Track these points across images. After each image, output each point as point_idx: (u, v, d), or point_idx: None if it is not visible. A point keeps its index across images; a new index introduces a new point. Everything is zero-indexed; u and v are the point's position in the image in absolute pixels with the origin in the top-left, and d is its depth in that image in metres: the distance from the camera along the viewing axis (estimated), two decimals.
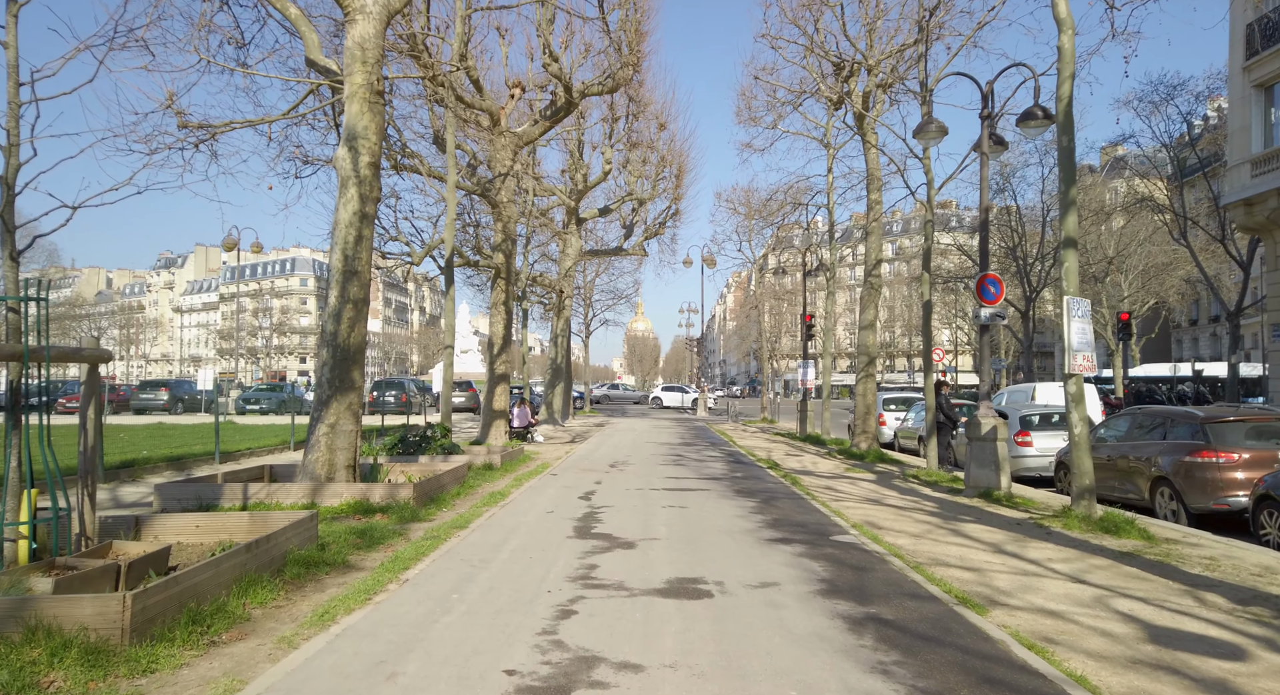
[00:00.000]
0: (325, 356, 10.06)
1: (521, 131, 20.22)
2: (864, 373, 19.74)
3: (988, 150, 12.19)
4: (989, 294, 12.28)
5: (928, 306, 15.38)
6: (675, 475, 13.96)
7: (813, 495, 11.56)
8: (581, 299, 42.41)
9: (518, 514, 9.30)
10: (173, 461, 13.95)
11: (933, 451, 14.91)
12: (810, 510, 10.05)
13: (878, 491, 12.46)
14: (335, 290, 10.04)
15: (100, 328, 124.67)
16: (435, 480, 10.38)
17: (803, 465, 16.68)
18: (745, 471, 14.88)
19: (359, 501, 9.12)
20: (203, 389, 39.65)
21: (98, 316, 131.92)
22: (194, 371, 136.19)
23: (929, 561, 7.21)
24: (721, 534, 8.18)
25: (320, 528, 7.84)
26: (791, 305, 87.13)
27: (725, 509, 9.98)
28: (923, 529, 9.00)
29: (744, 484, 12.82)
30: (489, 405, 20.46)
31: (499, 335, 20.62)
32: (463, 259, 19.88)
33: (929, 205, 14.96)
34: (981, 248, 12.46)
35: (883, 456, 18.47)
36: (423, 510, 9.23)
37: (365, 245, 10.21)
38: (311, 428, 9.91)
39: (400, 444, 14.43)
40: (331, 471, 9.81)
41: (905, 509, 10.56)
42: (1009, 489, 11.99)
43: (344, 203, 10.11)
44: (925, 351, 15.16)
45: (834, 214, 24.98)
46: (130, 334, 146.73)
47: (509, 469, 14.27)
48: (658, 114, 28.27)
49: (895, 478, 14.64)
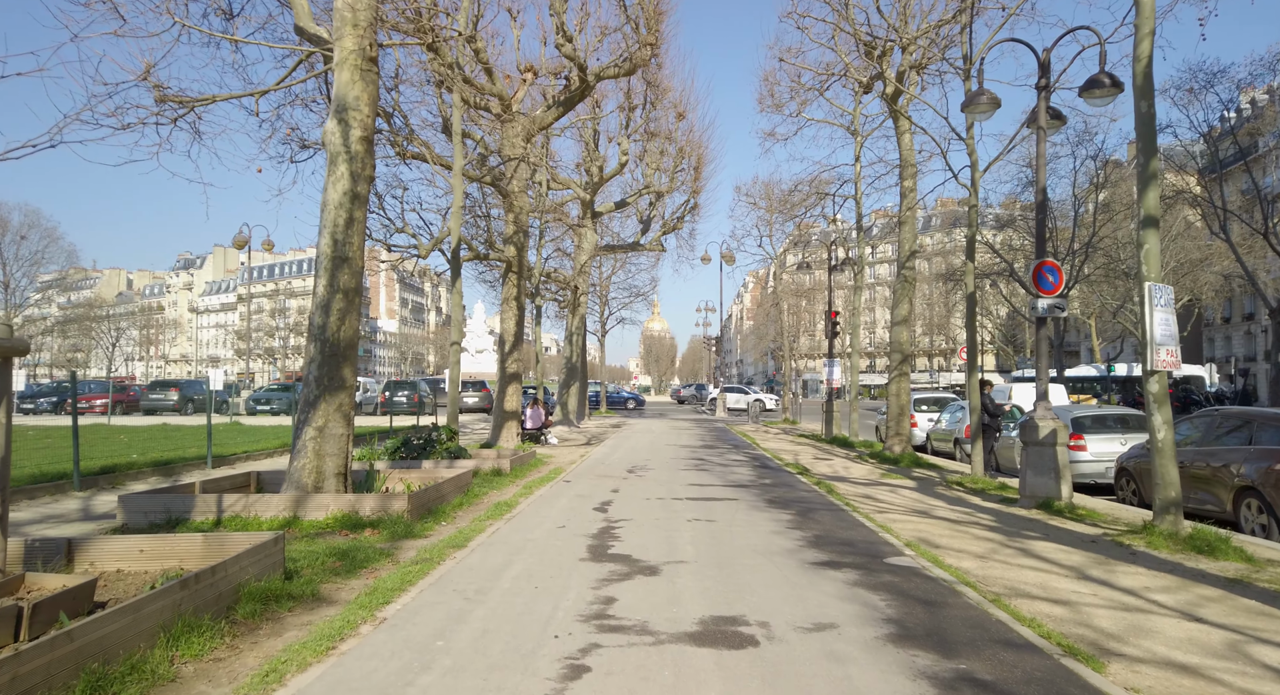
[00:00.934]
0: (312, 352, 9.07)
1: (534, 117, 19.21)
2: (897, 371, 18.56)
3: (1045, 125, 11.02)
4: (1046, 283, 11.10)
5: (971, 299, 14.20)
6: (699, 482, 12.88)
7: (853, 506, 10.44)
8: (597, 296, 41.40)
9: (525, 529, 8.25)
10: (160, 466, 13.04)
11: (978, 456, 13.74)
12: (854, 525, 8.94)
13: (923, 501, 11.31)
14: (323, 279, 9.05)
15: (119, 328, 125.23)
16: (435, 489, 9.35)
17: (834, 470, 15.54)
18: (774, 477, 13.77)
19: (347, 515, 8.11)
20: (213, 389, 39.01)
21: (117, 317, 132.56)
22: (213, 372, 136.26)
23: (1007, 592, 6.09)
24: (758, 555, 7.09)
25: (296, 548, 6.83)
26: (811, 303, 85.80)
27: (758, 523, 8.89)
28: (986, 548, 7.87)
29: (775, 492, 11.71)
30: (500, 406, 19.45)
31: (510, 332, 19.61)
32: (472, 252, 18.92)
33: (973, 188, 13.78)
34: (1038, 232, 11.29)
35: (918, 460, 17.30)
36: (418, 524, 8.21)
37: (357, 229, 9.21)
38: (297, 432, 8.92)
39: (403, 448, 13.46)
40: (319, 480, 8.81)
41: (959, 523, 9.42)
42: (1070, 499, 10.82)
43: (333, 181, 9.11)
44: (970, 347, 13.99)
45: (862, 205, 23.80)
46: (149, 335, 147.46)
47: (519, 475, 13.24)
48: (676, 102, 27.20)
49: (937, 485, 13.49)
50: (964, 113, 11.32)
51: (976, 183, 13.81)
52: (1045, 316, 11.16)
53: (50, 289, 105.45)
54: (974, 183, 13.82)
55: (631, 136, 27.70)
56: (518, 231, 19.66)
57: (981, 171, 13.83)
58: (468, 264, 31.70)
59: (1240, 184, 50.70)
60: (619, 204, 30.81)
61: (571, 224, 28.66)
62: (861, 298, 24.05)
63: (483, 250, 20.13)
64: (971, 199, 13.86)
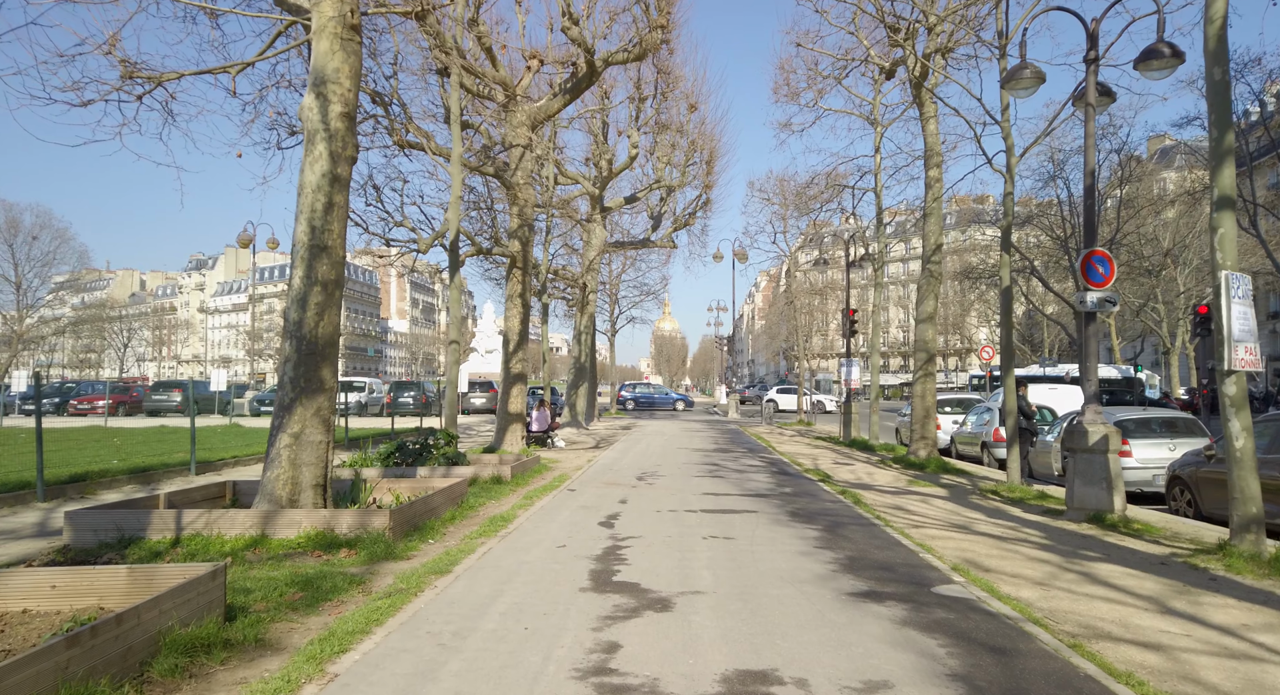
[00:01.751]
0: (288, 351, 8.20)
1: (539, 105, 18.33)
2: (922, 371, 17.59)
3: (1094, 101, 10.02)
4: (1096, 274, 10.11)
5: (1006, 294, 13.19)
6: (714, 490, 11.95)
7: (884, 520, 9.49)
8: (607, 295, 40.50)
9: (520, 549, 7.35)
10: (139, 474, 12.23)
11: (1014, 463, 12.75)
12: (889, 542, 7.99)
13: (959, 513, 10.34)
14: (299, 270, 8.18)
15: (131, 329, 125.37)
16: (423, 502, 8.46)
17: (857, 477, 14.58)
18: (794, 485, 12.82)
19: (321, 532, 7.23)
20: (216, 390, 38.41)
21: (129, 318, 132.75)
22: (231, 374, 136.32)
23: (1084, 632, 5.14)
24: (786, 583, 6.15)
25: (256, 574, 5.96)
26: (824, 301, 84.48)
27: (782, 541, 7.95)
28: (1044, 572, 6.91)
29: (797, 503, 10.77)
30: (504, 408, 18.58)
31: (515, 330, 18.74)
32: (474, 247, 18.08)
33: (1009, 174, 12.78)
34: (1087, 219, 10.30)
35: (945, 466, 16.32)
36: (401, 544, 7.32)
37: (338, 215, 8.34)
38: (271, 439, 8.06)
39: (397, 453, 12.58)
40: (295, 493, 7.94)
41: (1005, 540, 8.46)
42: (1124, 511, 9.83)
43: (311, 162, 8.24)
44: (1004, 346, 12.99)
45: (882, 198, 22.82)
46: (162, 335, 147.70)
47: (520, 483, 12.35)
48: (688, 93, 26.27)
49: (970, 493, 12.51)
50: (1004, 89, 10.34)
51: (1013, 168, 12.81)
52: (1094, 311, 10.17)
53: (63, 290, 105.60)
54: (1009, 168, 12.83)
55: (642, 129, 26.80)
56: (522, 225, 18.78)
57: (1018, 156, 12.84)
58: (475, 262, 30.92)
59: (1267, 179, 49.38)
60: (629, 199, 29.91)
61: (579, 219, 27.79)
62: (881, 295, 23.05)
63: (486, 245, 19.26)
64: (1008, 186, 12.87)
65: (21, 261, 72.60)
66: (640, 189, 29.82)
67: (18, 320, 72.32)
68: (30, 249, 73.91)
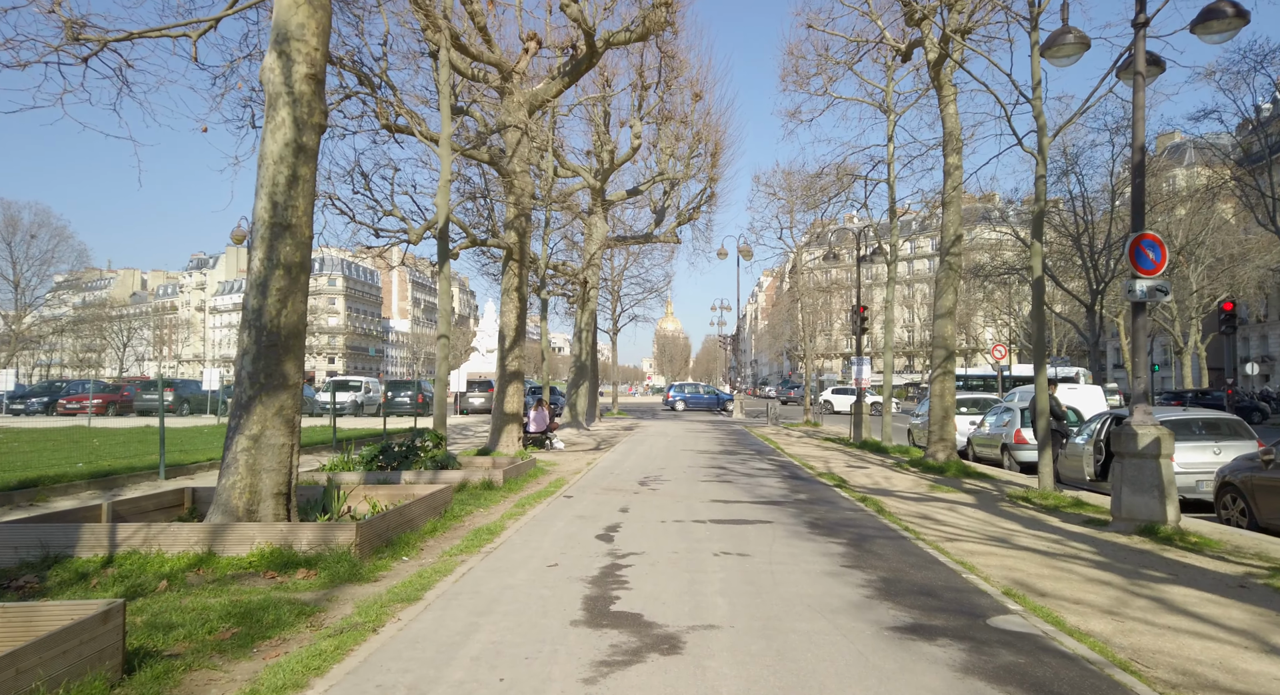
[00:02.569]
0: (246, 342, 7.28)
1: (537, 89, 17.41)
2: (940, 369, 16.62)
3: (1144, 69, 9.08)
4: (1146, 260, 9.17)
5: (1039, 285, 12.23)
6: (723, 497, 11.01)
7: (913, 531, 8.55)
8: (609, 291, 39.56)
9: (505, 569, 6.42)
10: (101, 478, 11.32)
11: (1046, 467, 11.79)
12: (925, 560, 7.05)
13: (993, 524, 9.40)
14: (260, 251, 7.26)
15: (132, 328, 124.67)
16: (399, 514, 7.53)
17: (875, 482, 13.64)
18: (809, 491, 11.88)
19: (277, 550, 6.31)
20: (209, 389, 37.51)
21: (130, 317, 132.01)
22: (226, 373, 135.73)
23: (1186, 681, 4.20)
24: (816, 614, 5.22)
25: (190, 603, 5.04)
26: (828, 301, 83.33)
27: (805, 558, 7.01)
28: (1110, 598, 5.97)
29: (815, 512, 9.82)
30: (499, 408, 17.67)
31: (511, 326, 17.83)
32: (469, 238, 17.15)
33: (1041, 156, 11.83)
34: (1136, 199, 9.34)
35: (966, 469, 15.39)
36: (369, 563, 6.40)
37: (303, 189, 7.42)
38: (228, 442, 7.14)
39: (381, 456, 11.66)
40: (253, 502, 7.02)
41: (1053, 556, 7.51)
42: (1178, 522, 8.88)
43: (272, 130, 7.32)
44: (1037, 342, 12.04)
45: (895, 189, 21.87)
46: (163, 335, 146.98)
47: (513, 488, 11.41)
48: (692, 81, 25.32)
49: (999, 500, 11.57)
50: (1045, 56, 9.39)
51: (1045, 149, 11.86)
52: (1144, 301, 9.23)
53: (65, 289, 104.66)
54: (1041, 149, 11.88)
55: (645, 119, 25.87)
56: (519, 215, 17.87)
57: (1051, 135, 11.90)
58: (473, 257, 29.96)
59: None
60: (631, 192, 28.98)
61: (579, 212, 26.87)
62: (894, 290, 22.11)
63: (480, 236, 18.35)
64: (1039, 168, 11.91)
65: (20, 260, 71.86)
66: (643, 182, 28.89)
67: (16, 319, 71.58)
68: (29, 247, 73.18)
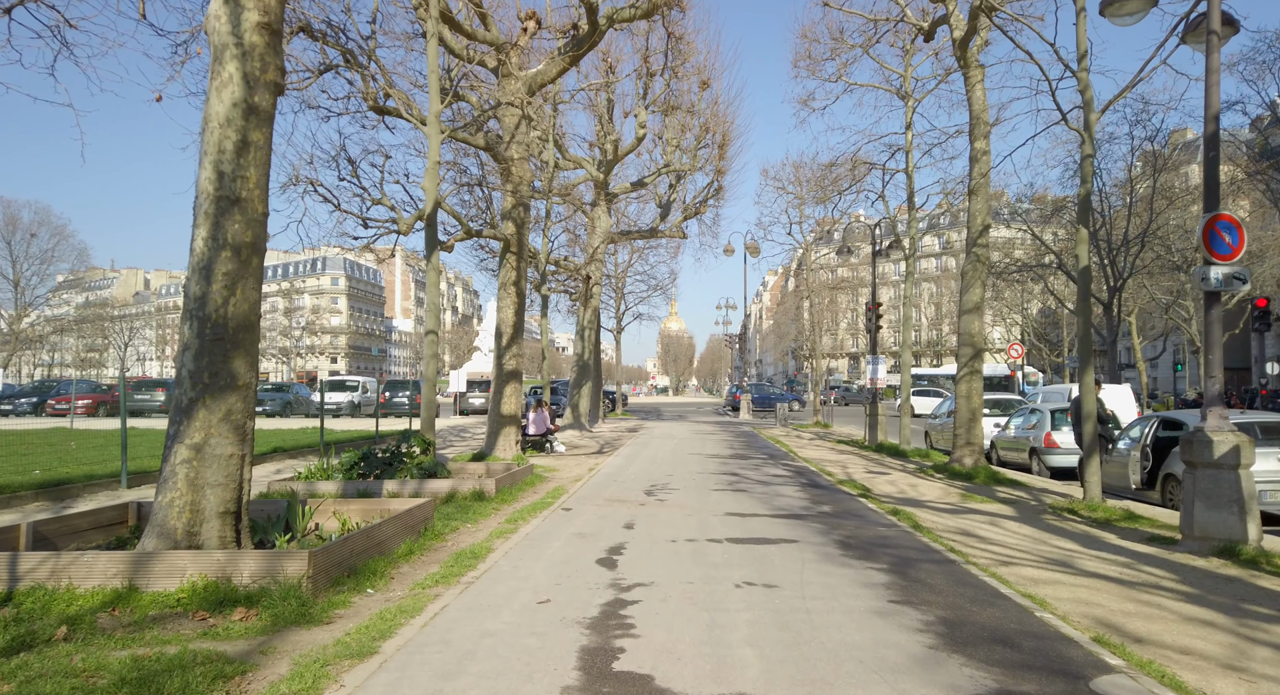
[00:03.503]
0: (187, 336, 6.23)
1: (535, 71, 16.35)
2: (967, 368, 15.52)
3: (1218, 28, 7.99)
4: (1222, 245, 8.08)
5: (1085, 275, 11.11)
6: (738, 509, 9.93)
7: (960, 553, 7.46)
8: (613, 289, 38.50)
9: (486, 608, 5.35)
10: (52, 488, 10.28)
11: (1094, 477, 10.68)
12: (985, 592, 5.96)
13: (1046, 542, 8.31)
14: (203, 228, 6.21)
15: (133, 327, 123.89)
16: (365, 536, 6.46)
17: (900, 490, 12.57)
18: (832, 502, 10.80)
19: (213, 584, 5.26)
20: None
21: (132, 317, 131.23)
22: None
23: None
24: (872, 676, 4.14)
25: (78, 663, 3.98)
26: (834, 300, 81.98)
27: (843, 590, 5.94)
28: (1221, 645, 4.88)
29: (844, 528, 8.74)
30: (496, 409, 16.61)
31: (509, 322, 16.77)
32: (464, 229, 16.11)
33: (1088, 133, 10.74)
34: (1209, 176, 8.25)
35: (995, 476, 14.29)
36: (324, 598, 5.35)
37: (256, 158, 6.36)
38: (166, 452, 6.10)
39: (362, 463, 10.61)
40: (195, 523, 5.97)
41: (1130, 585, 6.43)
42: (1260, 542, 7.79)
43: (218, 87, 6.27)
44: (1082, 335, 10.93)
45: (914, 179, 20.79)
46: (166, 335, 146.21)
47: (506, 499, 10.34)
48: (700, 68, 24.23)
49: (1042, 512, 10.48)
50: (1106, 15, 8.30)
51: (1092, 125, 10.77)
52: (1219, 290, 8.13)
53: (68, 289, 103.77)
54: (1088, 125, 10.78)
55: (650, 108, 24.79)
56: (517, 205, 16.81)
57: (1099, 111, 10.80)
58: (471, 253, 29.01)
59: None
60: (636, 184, 27.91)
61: (581, 205, 25.80)
62: (913, 285, 21.01)
63: (476, 226, 17.30)
64: (1086, 147, 10.81)
65: (20, 259, 71.13)
66: (648, 175, 27.82)
67: (16, 319, 70.84)
68: (28, 246, 72.45)
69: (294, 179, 12.50)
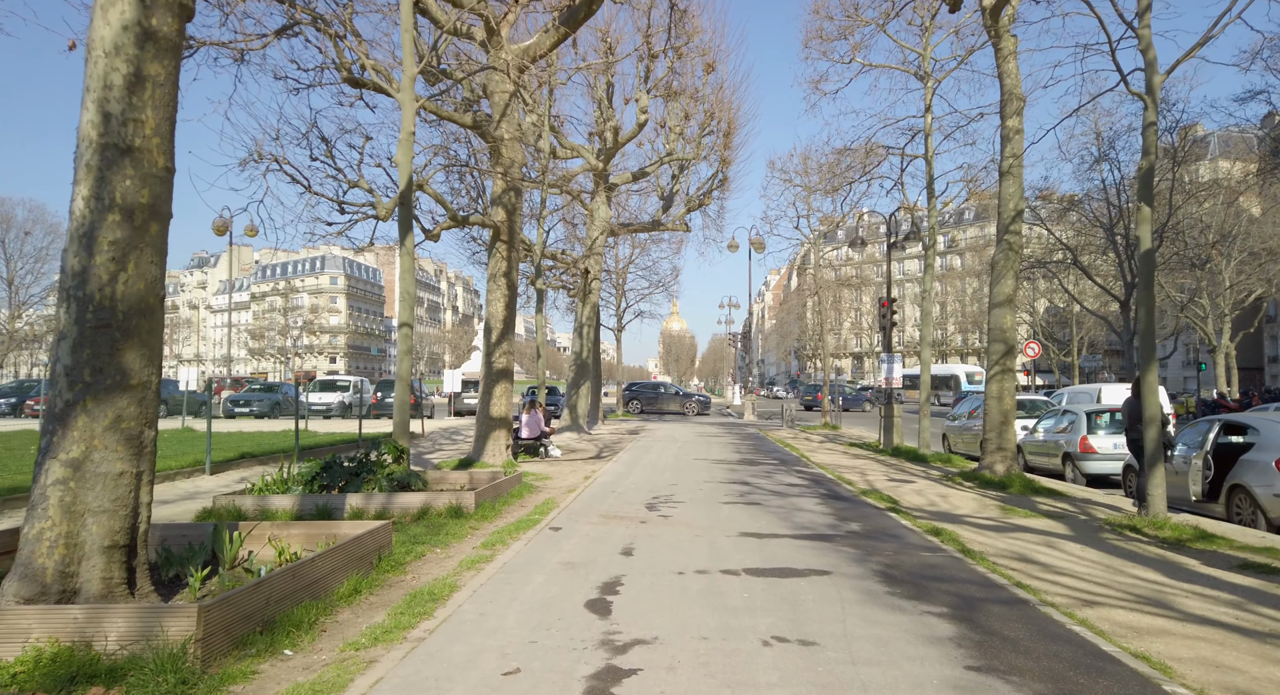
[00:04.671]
0: (64, 322, 4.91)
1: (528, 44, 15.03)
2: (998, 366, 14.19)
3: None
4: None
5: (1148, 259, 9.74)
6: (754, 528, 8.59)
7: (1029, 588, 6.12)
8: (613, 285, 37.15)
9: (433, 684, 4.02)
10: None
11: (1160, 489, 9.34)
12: (1084, 651, 4.62)
13: (1122, 571, 6.97)
14: (85, 185, 4.88)
15: None
16: (292, 575, 5.11)
17: (930, 502, 11.23)
18: (859, 517, 9.46)
19: (65, 652, 3.92)
20: (185, 389, 35.16)
21: None
22: (224, 372, 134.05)
23: None
24: None
25: None
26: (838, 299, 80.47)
27: (901, 649, 4.60)
28: None
29: (881, 553, 7.39)
30: (484, 411, 15.29)
31: (498, 316, 15.45)
32: (450, 215, 14.78)
33: (1151, 97, 9.41)
34: None
35: (1031, 485, 12.96)
36: (218, 668, 4.01)
37: (155, 98, 5.04)
38: (37, 470, 4.78)
39: (324, 474, 9.28)
40: (70, 561, 4.65)
41: (1261, 637, 5.09)
42: None
43: (103, 6, 4.95)
44: (1144, 328, 9.58)
45: (933, 165, 19.45)
46: (166, 334, 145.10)
47: (487, 515, 8.99)
48: (704, 49, 22.90)
49: (1101, 531, 9.15)
50: None
51: (1155, 88, 9.44)
52: None
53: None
54: (1151, 88, 9.45)
55: (651, 92, 23.46)
56: (508, 190, 15.49)
57: (1164, 73, 9.47)
58: (462, 244, 27.64)
59: None
60: (637, 174, 26.57)
61: (576, 193, 24.45)
62: (932, 277, 19.66)
63: (463, 214, 15.96)
64: (1149, 114, 9.48)
65: (14, 257, 69.92)
66: (650, 163, 26.47)
67: (10, 318, 69.62)
68: (22, 245, 71.24)
69: (256, 155, 11.22)
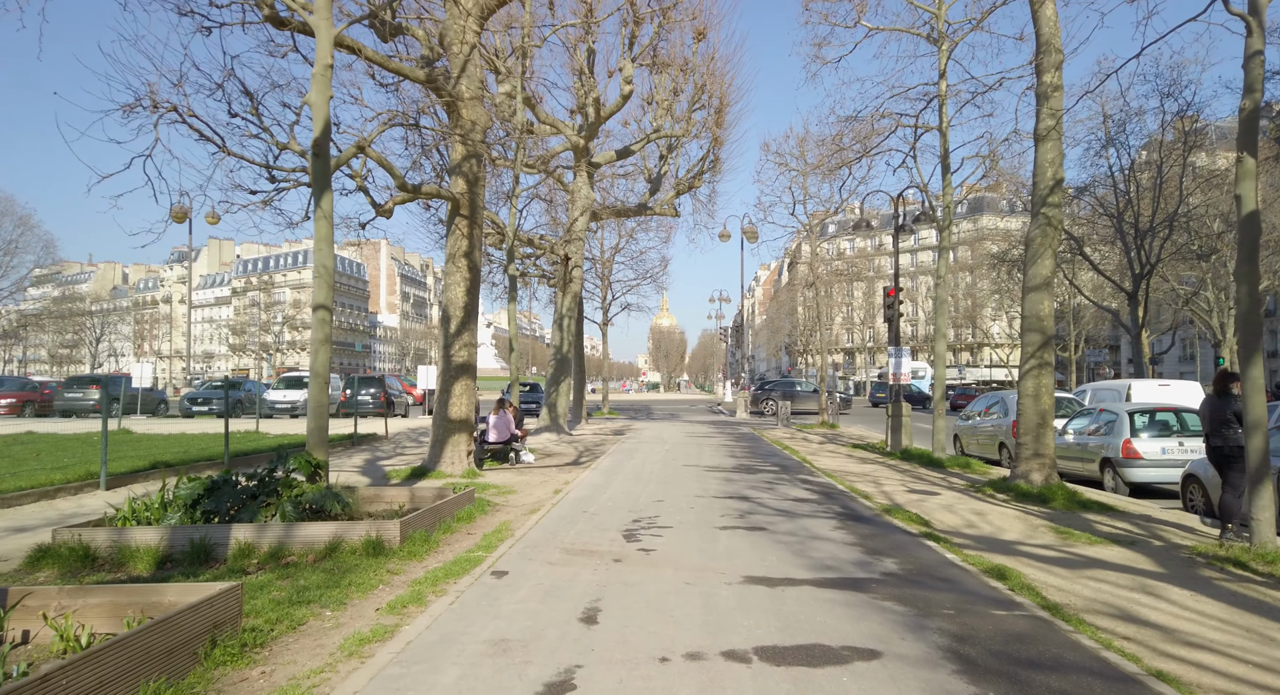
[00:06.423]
0: None
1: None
2: (1035, 359, 12.22)
3: None
4: None
5: (1251, 222, 7.78)
6: (762, 569, 6.59)
7: (1181, 685, 4.18)
8: (598, 276, 35.09)
9: None
10: None
11: (1268, 512, 7.40)
12: None
13: (1275, 638, 5.03)
14: None
15: (107, 322, 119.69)
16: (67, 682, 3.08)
17: (965, 521, 9.29)
18: (892, 549, 7.47)
19: None
20: (139, 386, 32.90)
21: (106, 311, 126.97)
22: (206, 368, 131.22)
23: None
24: None
25: None
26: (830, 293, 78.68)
27: None
28: None
29: (939, 612, 5.40)
30: (441, 411, 13.25)
31: (458, 303, 13.41)
32: (399, 185, 12.67)
33: (1256, 19, 7.46)
34: None
35: (1075, 497, 11.01)
36: None
37: None
38: None
39: (209, 497, 7.21)
40: None
41: None
42: None
43: None
44: (1245, 316, 7.65)
45: (948, 138, 17.48)
46: (143, 330, 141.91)
47: (415, 552, 6.92)
48: (694, 12, 20.87)
49: (1195, 564, 7.23)
50: None
51: (1261, 9, 7.50)
52: None
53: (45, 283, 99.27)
54: (1257, 8, 7.51)
55: (637, 61, 21.43)
56: (468, 157, 13.44)
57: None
58: (427, 228, 25.46)
59: None
60: (622, 152, 24.51)
61: (552, 172, 22.39)
62: (946, 263, 17.71)
63: (414, 182, 13.86)
64: (1255, 41, 7.51)
65: None
66: (636, 141, 24.42)
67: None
68: None
69: (151, 101, 9.11)
